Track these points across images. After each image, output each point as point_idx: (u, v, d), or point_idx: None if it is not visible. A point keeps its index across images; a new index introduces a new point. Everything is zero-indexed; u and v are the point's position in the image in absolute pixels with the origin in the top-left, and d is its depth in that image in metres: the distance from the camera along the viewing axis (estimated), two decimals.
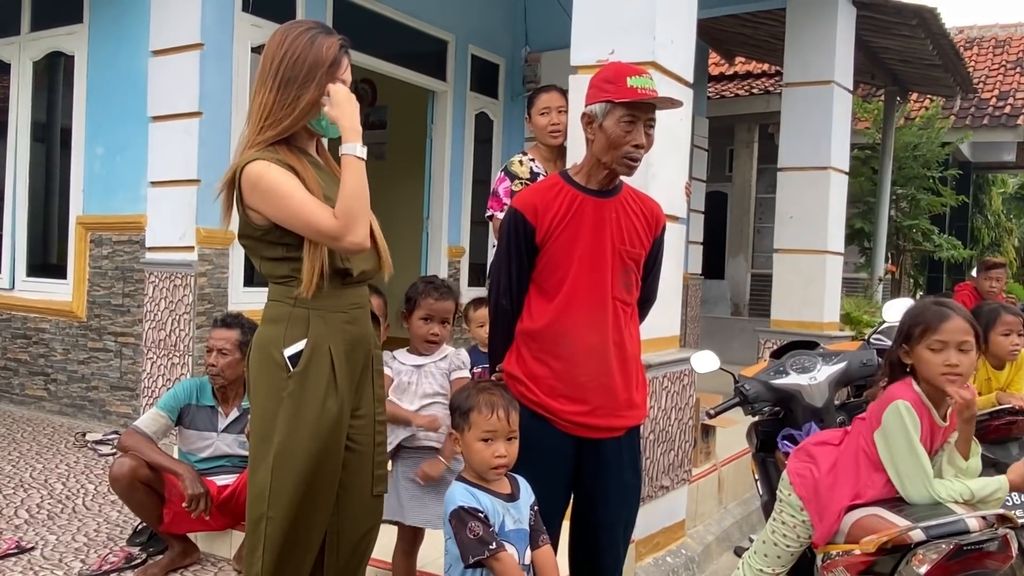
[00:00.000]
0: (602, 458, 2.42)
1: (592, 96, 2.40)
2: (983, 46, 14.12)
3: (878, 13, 6.87)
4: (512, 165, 3.75)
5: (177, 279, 5.06)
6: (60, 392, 5.79)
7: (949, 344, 2.33)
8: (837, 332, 6.32)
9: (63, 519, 3.84)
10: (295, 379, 2.09)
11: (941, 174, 11.47)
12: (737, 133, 12.72)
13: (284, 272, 2.14)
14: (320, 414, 2.10)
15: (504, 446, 2.16)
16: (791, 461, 2.65)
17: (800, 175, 6.31)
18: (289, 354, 2.10)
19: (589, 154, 2.45)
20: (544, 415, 2.37)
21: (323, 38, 2.16)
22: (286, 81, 2.12)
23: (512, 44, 7.78)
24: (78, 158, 5.71)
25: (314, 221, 2.04)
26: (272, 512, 2.09)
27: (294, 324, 2.12)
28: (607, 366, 2.40)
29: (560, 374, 2.38)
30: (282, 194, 2.05)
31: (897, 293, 11.79)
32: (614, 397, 2.42)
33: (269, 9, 5.40)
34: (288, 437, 2.08)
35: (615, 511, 2.48)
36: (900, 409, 2.34)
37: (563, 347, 2.39)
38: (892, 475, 2.36)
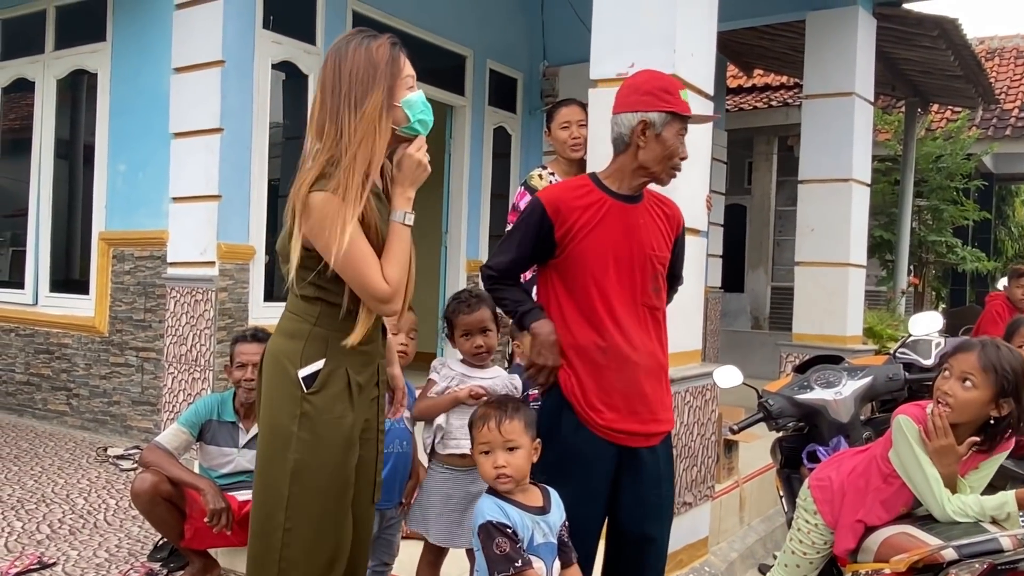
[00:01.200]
0: (641, 468, 2.41)
1: (647, 103, 2.37)
2: (1004, 56, 14.01)
3: (899, 24, 6.83)
4: (532, 179, 3.75)
5: (198, 294, 5.08)
6: (82, 407, 5.82)
7: (953, 372, 2.33)
8: (860, 346, 6.26)
9: (84, 534, 3.85)
10: (313, 399, 2.08)
11: (964, 186, 11.36)
12: (756, 146, 12.66)
13: (311, 293, 2.12)
14: (338, 432, 2.09)
15: (503, 456, 2.15)
16: (815, 470, 2.67)
17: (821, 187, 6.27)
18: (304, 375, 2.08)
19: (631, 160, 2.41)
20: (586, 422, 2.36)
21: (376, 43, 2.11)
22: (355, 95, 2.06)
23: (530, 59, 7.80)
24: (101, 174, 5.77)
25: (367, 279, 2.01)
26: (290, 524, 2.08)
27: (312, 344, 2.10)
28: (641, 372, 2.40)
29: (597, 380, 2.36)
30: (340, 238, 1.98)
31: (920, 306, 11.66)
32: (649, 402, 2.42)
33: (289, 26, 5.45)
34: (307, 455, 2.07)
35: (655, 524, 2.47)
36: (900, 424, 2.37)
37: (598, 354, 2.36)
38: (915, 492, 2.35)
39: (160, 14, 5.35)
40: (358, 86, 2.07)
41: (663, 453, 2.47)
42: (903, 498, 2.39)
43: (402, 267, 2.07)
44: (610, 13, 3.58)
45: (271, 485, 2.11)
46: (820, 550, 2.56)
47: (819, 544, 2.55)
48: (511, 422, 2.17)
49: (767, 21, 7.13)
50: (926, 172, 11.16)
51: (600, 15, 3.60)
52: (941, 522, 2.28)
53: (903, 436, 2.35)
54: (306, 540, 2.10)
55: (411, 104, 2.13)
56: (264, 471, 2.14)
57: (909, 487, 2.36)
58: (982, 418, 2.34)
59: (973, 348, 2.34)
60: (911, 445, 2.32)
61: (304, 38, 5.61)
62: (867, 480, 2.45)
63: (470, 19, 7.09)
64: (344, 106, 2.06)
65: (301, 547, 2.10)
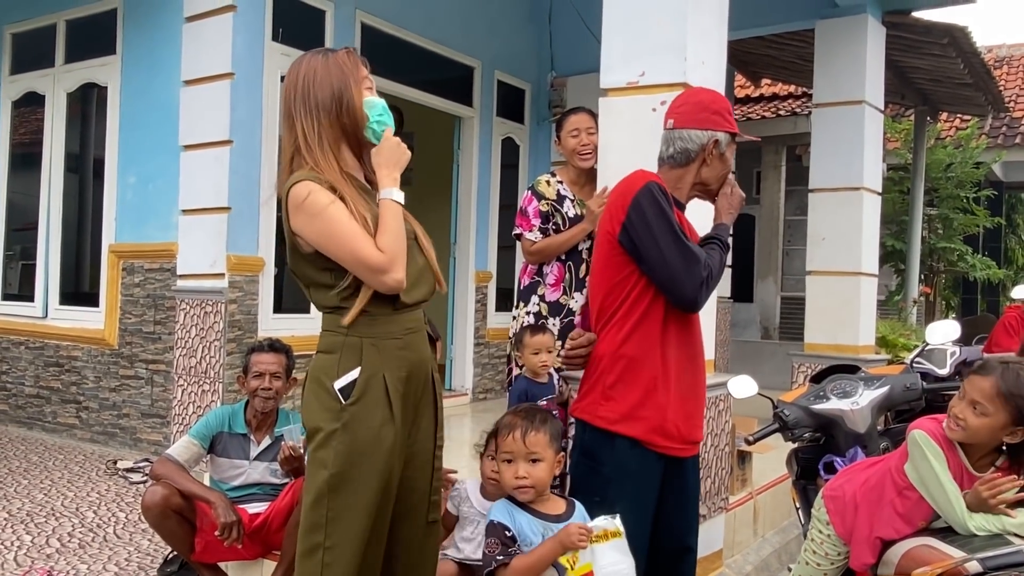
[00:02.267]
0: (685, 475, 2.40)
1: (717, 123, 2.42)
2: (1013, 64, 13.96)
3: (908, 33, 6.81)
4: (539, 184, 3.74)
5: (208, 306, 5.07)
6: (92, 420, 5.82)
7: (966, 396, 2.31)
8: (873, 356, 6.20)
9: (94, 548, 3.83)
10: (349, 410, 2.05)
11: (975, 194, 11.31)
12: (764, 155, 12.62)
13: (334, 303, 2.11)
14: (376, 445, 2.05)
15: (524, 467, 2.15)
16: (831, 480, 2.65)
17: (832, 196, 6.23)
18: (339, 386, 2.06)
19: (692, 175, 2.44)
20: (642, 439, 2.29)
21: (333, 53, 2.18)
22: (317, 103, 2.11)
23: (538, 69, 7.80)
24: (111, 187, 5.78)
25: (359, 251, 2.01)
26: (329, 542, 2.04)
27: (347, 354, 2.08)
28: (701, 377, 2.44)
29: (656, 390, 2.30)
30: (327, 218, 2.01)
31: (931, 315, 11.59)
32: (700, 409, 2.44)
33: (299, 38, 5.46)
34: (344, 468, 2.04)
35: (693, 534, 2.47)
36: (917, 439, 2.33)
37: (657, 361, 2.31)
38: (935, 507, 2.32)
39: (170, 27, 5.37)
40: (318, 87, 2.11)
41: (698, 460, 2.49)
42: (922, 512, 2.35)
43: (395, 237, 2.05)
44: (620, 22, 3.56)
45: (311, 501, 2.07)
46: (834, 561, 2.53)
47: (832, 555, 2.52)
48: (536, 434, 2.16)
49: (775, 30, 7.11)
50: (936, 181, 11.11)
51: (610, 24, 3.58)
52: (963, 534, 2.24)
53: (921, 451, 2.32)
54: (347, 559, 2.04)
55: (371, 105, 2.16)
56: (307, 487, 2.10)
57: (928, 501, 2.32)
58: (995, 442, 2.30)
59: (991, 373, 2.28)
60: (930, 461, 2.29)
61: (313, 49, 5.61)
62: (881, 493, 2.41)
63: (478, 30, 7.10)
64: (302, 106, 2.11)
65: (343, 568, 2.04)
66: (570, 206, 3.67)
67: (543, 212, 3.67)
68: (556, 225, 3.68)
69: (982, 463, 2.32)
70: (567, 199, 3.69)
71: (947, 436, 2.31)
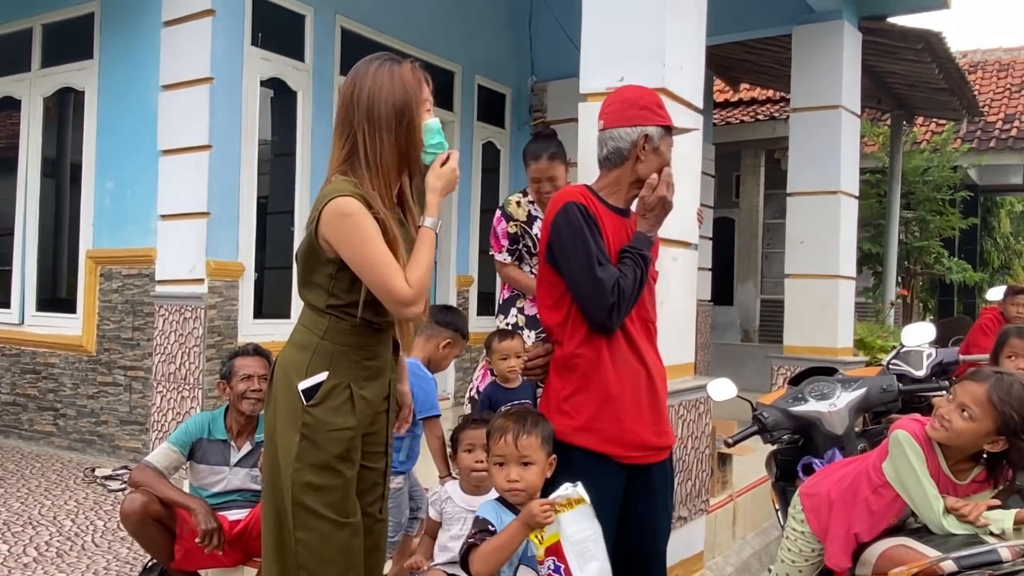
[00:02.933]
0: (652, 482, 2.40)
1: (645, 118, 2.40)
2: (987, 69, 14.16)
3: (884, 38, 6.89)
4: (509, 205, 3.76)
5: (187, 312, 5.04)
6: (69, 427, 5.76)
7: (956, 399, 2.31)
8: (851, 357, 6.26)
9: (72, 557, 3.79)
10: (313, 412, 2.09)
11: (951, 196, 11.45)
12: (743, 159, 12.73)
13: (322, 304, 2.14)
14: (335, 444, 2.10)
15: (516, 471, 2.17)
16: (807, 480, 2.67)
17: (810, 200, 6.29)
18: (304, 387, 2.10)
19: (628, 173, 2.43)
20: (601, 450, 2.31)
21: (400, 66, 2.15)
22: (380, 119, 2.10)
23: (518, 74, 7.83)
24: (88, 192, 5.74)
25: (390, 281, 2.02)
26: (300, 534, 2.09)
27: (318, 357, 2.12)
28: (654, 384, 2.40)
29: (623, 397, 2.32)
30: (364, 241, 2.02)
31: (908, 317, 11.71)
32: (661, 415, 2.42)
33: (278, 43, 5.45)
34: (310, 465, 2.08)
35: (663, 538, 2.47)
36: (900, 439, 2.34)
37: (620, 368, 2.33)
38: (913, 507, 2.34)
39: (148, 31, 5.34)
40: (382, 102, 2.10)
41: (669, 467, 2.48)
42: (894, 510, 2.37)
43: (426, 272, 2.08)
44: (599, 27, 3.58)
45: (277, 494, 2.12)
46: (809, 558, 2.55)
47: (807, 552, 2.55)
48: (528, 437, 2.17)
49: (754, 35, 7.18)
50: (913, 184, 11.24)
51: (589, 29, 3.60)
52: (938, 534, 2.26)
53: (902, 450, 2.33)
54: (319, 549, 2.10)
55: (428, 129, 2.16)
56: (269, 480, 2.16)
57: (904, 499, 2.34)
58: (975, 448, 2.32)
59: (984, 380, 2.29)
60: (910, 460, 2.31)
61: (293, 55, 5.61)
62: (856, 491, 2.43)
63: (458, 35, 7.11)
64: (365, 119, 2.10)
65: (313, 556, 2.10)
66: (540, 227, 3.68)
67: (511, 234, 3.72)
68: (526, 247, 3.72)
69: (960, 468, 2.34)
70: (538, 220, 3.71)
71: (928, 438, 2.33)
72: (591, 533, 2.08)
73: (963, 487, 2.35)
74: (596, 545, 2.07)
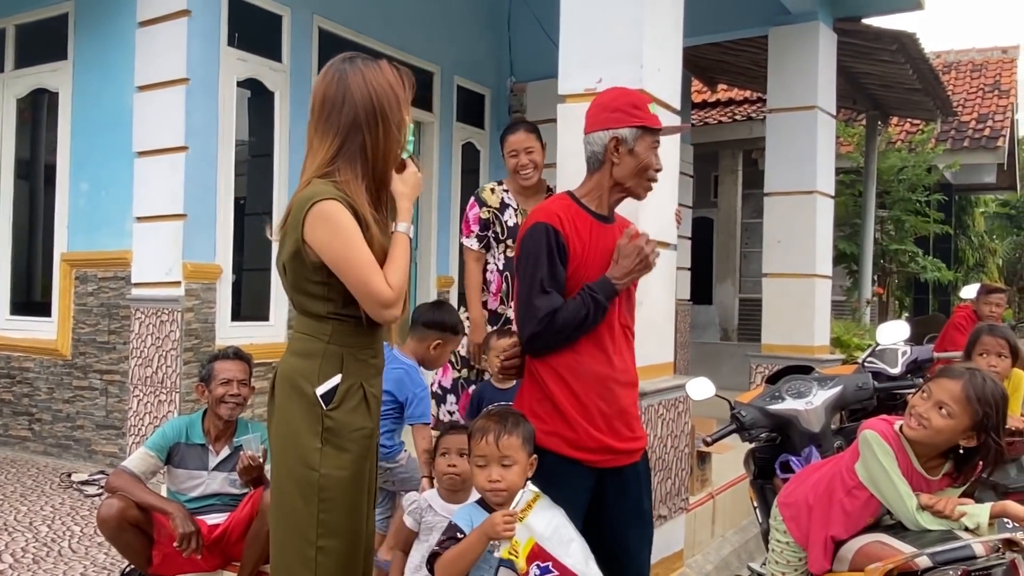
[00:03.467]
0: (624, 484, 2.41)
1: (617, 120, 2.38)
2: (960, 70, 14.35)
3: (858, 39, 6.97)
4: (483, 192, 3.83)
5: (164, 315, 5.00)
6: (45, 432, 5.69)
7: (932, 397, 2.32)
8: (828, 356, 6.33)
9: (48, 563, 3.75)
10: (334, 415, 2.10)
11: (926, 197, 11.58)
12: (721, 159, 12.81)
13: (320, 311, 2.13)
14: (360, 446, 2.13)
15: (497, 471, 2.17)
16: (784, 487, 2.66)
17: (786, 199, 6.35)
18: (322, 392, 2.10)
19: (606, 178, 2.42)
20: (570, 454, 2.33)
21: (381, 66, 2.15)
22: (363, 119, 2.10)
23: (497, 75, 7.83)
24: (63, 194, 5.67)
25: (371, 283, 2.03)
26: (323, 542, 2.09)
27: (328, 361, 2.12)
28: (621, 390, 2.40)
29: (581, 404, 2.34)
30: (347, 243, 2.03)
31: (884, 315, 11.84)
32: (628, 420, 2.42)
33: (255, 43, 5.42)
34: (335, 470, 2.09)
35: (638, 537, 2.46)
36: (868, 439, 2.36)
37: (581, 375, 2.34)
38: (887, 504, 2.36)
39: (122, 32, 5.29)
40: (364, 102, 2.10)
41: (643, 467, 2.48)
42: (870, 510, 2.39)
43: (404, 274, 2.11)
44: (578, 29, 3.60)
45: (296, 505, 2.11)
46: (796, 567, 2.55)
47: (794, 562, 2.55)
48: (509, 437, 2.18)
49: (730, 37, 7.24)
50: (888, 184, 11.36)
51: (568, 31, 3.62)
52: (913, 530, 2.29)
53: (871, 451, 2.35)
54: (340, 556, 2.11)
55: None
56: (286, 491, 2.13)
57: (879, 499, 2.36)
58: (950, 444, 2.34)
59: (959, 377, 2.31)
60: (880, 460, 2.33)
61: (270, 55, 5.58)
62: (831, 494, 2.44)
63: (437, 36, 7.10)
64: (348, 118, 2.09)
65: (335, 564, 2.11)
66: (512, 215, 3.76)
67: (483, 219, 3.78)
68: (495, 234, 3.77)
69: (931, 465, 2.37)
70: (510, 207, 3.77)
71: (897, 436, 2.36)
72: (559, 519, 2.09)
73: (935, 483, 2.37)
74: (567, 528, 2.08)
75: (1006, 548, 2.11)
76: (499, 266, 3.81)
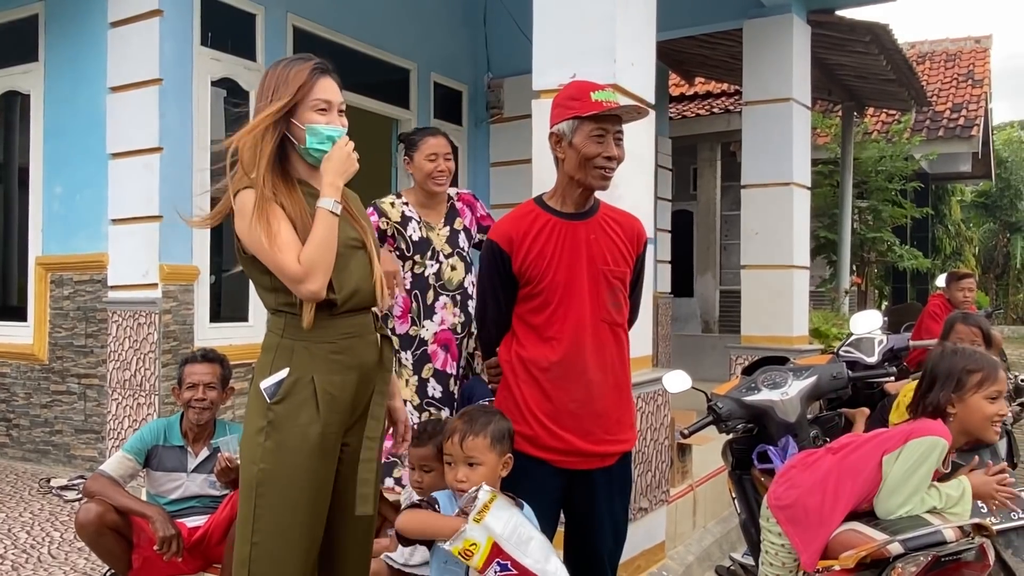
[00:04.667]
0: (593, 488, 2.40)
1: (557, 115, 2.41)
2: (935, 60, 14.48)
3: (832, 31, 7.02)
4: (383, 203, 3.51)
5: (141, 317, 4.97)
6: (23, 437, 5.64)
7: (1001, 394, 2.38)
8: (807, 346, 6.38)
9: (28, 569, 3.72)
10: (276, 409, 2.11)
11: (903, 187, 11.69)
12: (700, 152, 12.87)
13: (273, 304, 2.18)
14: (301, 443, 2.11)
15: (464, 471, 2.19)
16: (772, 487, 2.62)
17: (763, 192, 6.39)
18: (265, 385, 2.12)
19: (561, 174, 2.45)
20: (534, 453, 2.34)
21: (297, 66, 2.20)
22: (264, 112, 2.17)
23: (474, 71, 7.82)
24: (36, 198, 5.61)
25: (279, 261, 2.07)
26: (257, 538, 2.10)
27: (280, 355, 2.15)
28: (597, 391, 2.39)
29: (551, 402, 2.35)
30: (257, 226, 2.07)
31: (863, 304, 11.96)
32: (604, 422, 2.40)
33: (228, 43, 5.38)
34: (270, 465, 2.10)
35: (608, 540, 2.46)
36: (939, 447, 2.32)
37: (553, 375, 2.36)
38: (889, 490, 2.32)
39: (94, 32, 5.24)
40: (264, 97, 2.20)
41: (618, 472, 2.46)
42: (864, 497, 2.39)
43: (319, 249, 2.08)
44: (551, 25, 3.60)
45: (243, 500, 2.14)
46: (792, 568, 2.55)
47: (789, 563, 2.53)
48: (474, 439, 2.19)
49: (705, 30, 7.26)
50: (866, 174, 11.46)
51: (541, 27, 3.62)
52: (884, 518, 2.31)
53: (935, 458, 2.31)
54: (273, 554, 2.10)
55: (314, 131, 2.19)
56: (240, 492, 2.17)
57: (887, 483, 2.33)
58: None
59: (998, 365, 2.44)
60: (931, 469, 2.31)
61: (244, 54, 5.54)
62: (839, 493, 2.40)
63: (413, 33, 7.08)
64: (256, 113, 2.20)
65: (269, 562, 2.10)
66: (415, 228, 3.46)
67: (380, 230, 3.44)
68: (399, 250, 3.45)
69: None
70: (412, 220, 3.47)
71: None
72: (516, 519, 2.09)
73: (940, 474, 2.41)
74: (525, 526, 2.09)
75: (975, 533, 2.14)
76: (406, 286, 3.44)
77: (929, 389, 2.44)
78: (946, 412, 2.41)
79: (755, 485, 3.07)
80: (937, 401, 2.41)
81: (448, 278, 3.45)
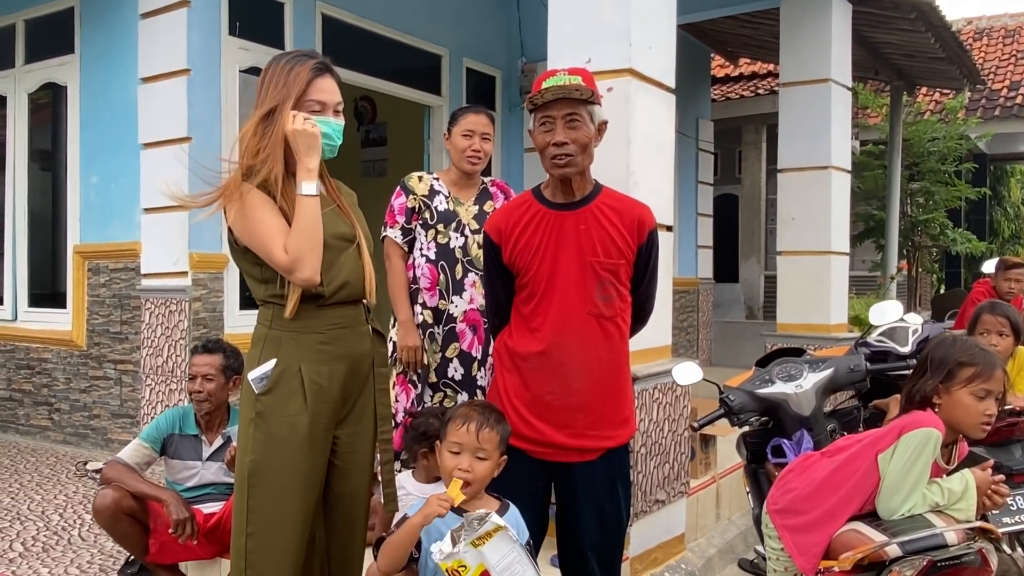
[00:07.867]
0: (574, 483, 2.37)
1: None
2: (992, 36, 13.91)
3: (875, 8, 6.77)
4: (410, 179, 3.44)
5: (172, 305, 5.06)
6: (63, 421, 5.81)
7: (992, 393, 2.28)
8: (845, 334, 6.20)
9: (58, 551, 3.83)
10: (264, 399, 2.13)
11: (957, 167, 11.27)
12: (744, 135, 12.61)
13: (262, 295, 2.20)
14: (289, 433, 2.12)
15: (469, 461, 2.15)
16: (770, 491, 2.55)
17: (800, 175, 6.22)
18: (253, 376, 2.14)
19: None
20: (510, 443, 2.32)
21: (299, 64, 2.18)
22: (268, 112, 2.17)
23: (508, 56, 7.75)
24: (74, 187, 5.75)
25: (271, 250, 2.08)
26: (252, 528, 2.12)
27: (268, 346, 2.16)
28: (577, 384, 2.34)
29: (529, 392, 2.34)
30: (253, 218, 2.09)
31: (914, 290, 11.60)
32: (586, 417, 2.36)
33: (256, 32, 5.41)
34: (260, 455, 2.12)
35: (594, 536, 2.42)
36: (933, 438, 2.24)
37: (532, 365, 2.34)
38: (889, 489, 2.25)
39: (126, 24, 5.32)
40: (263, 96, 2.19)
41: (602, 466, 2.41)
42: (868, 499, 2.32)
43: (302, 237, 2.08)
44: (566, 8, 3.54)
45: (238, 491, 2.17)
46: (794, 572, 2.49)
47: (792, 568, 2.48)
48: (490, 431, 2.17)
49: (740, 10, 7.08)
50: (919, 156, 11.08)
51: (556, 10, 3.57)
52: (886, 518, 2.22)
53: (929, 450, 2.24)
54: (269, 544, 2.12)
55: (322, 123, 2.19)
56: (236, 484, 2.20)
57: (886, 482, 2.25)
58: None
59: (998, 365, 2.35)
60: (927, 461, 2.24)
61: (272, 43, 5.57)
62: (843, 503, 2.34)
63: (444, 18, 7.04)
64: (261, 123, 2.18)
65: (265, 552, 2.12)
66: (442, 200, 3.37)
67: (408, 208, 3.38)
68: (423, 220, 3.36)
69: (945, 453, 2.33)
70: (440, 194, 3.39)
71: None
72: (515, 555, 2.05)
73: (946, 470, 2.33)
74: (521, 565, 2.05)
75: (979, 535, 2.05)
76: (430, 255, 3.34)
77: (920, 376, 2.37)
78: (932, 402, 2.32)
79: (770, 480, 2.99)
80: (924, 390, 2.33)
81: (476, 255, 3.28)
